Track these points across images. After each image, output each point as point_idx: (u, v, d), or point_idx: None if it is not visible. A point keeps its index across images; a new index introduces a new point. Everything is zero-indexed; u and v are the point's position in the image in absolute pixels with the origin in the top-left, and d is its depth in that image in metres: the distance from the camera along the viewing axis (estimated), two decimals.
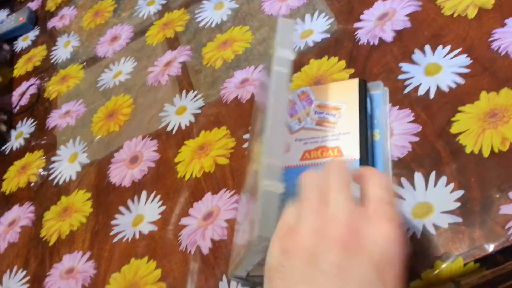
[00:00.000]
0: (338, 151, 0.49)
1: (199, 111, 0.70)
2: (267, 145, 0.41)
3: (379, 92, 0.55)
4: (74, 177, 0.74)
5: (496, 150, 0.46)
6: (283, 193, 0.39)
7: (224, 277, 0.51)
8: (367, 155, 0.48)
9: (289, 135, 0.53)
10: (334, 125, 0.51)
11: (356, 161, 0.48)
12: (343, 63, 0.63)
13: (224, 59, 0.74)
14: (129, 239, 0.61)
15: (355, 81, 0.53)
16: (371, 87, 0.55)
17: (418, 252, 0.44)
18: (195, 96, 0.72)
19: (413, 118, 0.53)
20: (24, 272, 0.67)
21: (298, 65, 0.66)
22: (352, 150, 0.49)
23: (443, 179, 0.47)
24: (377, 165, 0.50)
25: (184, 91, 0.74)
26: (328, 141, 0.50)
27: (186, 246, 0.56)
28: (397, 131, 0.53)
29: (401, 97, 0.55)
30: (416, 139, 0.51)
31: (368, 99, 0.53)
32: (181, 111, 0.71)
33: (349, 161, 0.47)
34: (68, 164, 0.76)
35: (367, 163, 0.48)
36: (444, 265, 0.42)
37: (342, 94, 0.53)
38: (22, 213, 0.74)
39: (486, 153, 0.46)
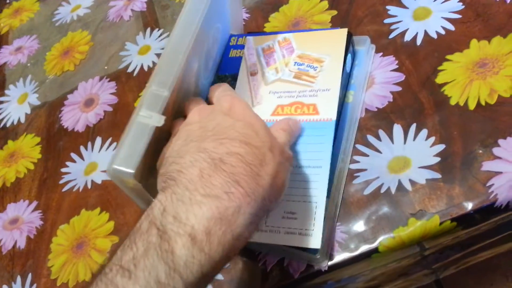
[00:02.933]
0: (314, 109, 0.45)
1: None
2: (157, 71, 0.38)
3: (364, 48, 0.51)
4: (22, 120, 0.70)
5: (483, 103, 0.44)
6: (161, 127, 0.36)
7: None
8: (339, 117, 0.45)
9: (263, 86, 0.49)
10: (314, 80, 0.47)
11: (333, 122, 0.44)
12: (325, 3, 0.60)
13: None
14: (80, 189, 0.58)
15: (344, 32, 0.49)
16: (357, 42, 0.51)
17: (391, 208, 0.42)
18: (160, 35, 0.69)
19: (397, 66, 0.50)
20: None
21: (276, 4, 0.63)
22: (329, 109, 0.45)
23: (424, 132, 0.45)
24: (340, 128, 0.47)
25: (148, 29, 0.70)
26: (305, 97, 0.46)
27: None
28: (378, 79, 0.51)
29: (385, 42, 0.53)
30: (398, 88, 0.49)
31: (349, 56, 0.49)
32: (144, 51, 0.68)
33: (325, 122, 0.44)
34: (16, 105, 0.73)
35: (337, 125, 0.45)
36: (418, 223, 0.41)
37: (328, 45, 0.49)
38: None
39: (472, 106, 0.45)
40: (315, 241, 0.39)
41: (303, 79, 0.48)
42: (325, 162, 0.42)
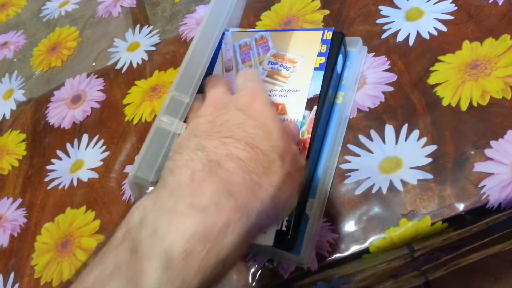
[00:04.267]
0: (283, 109, 0.45)
1: (153, 48, 0.66)
2: (178, 77, 0.37)
3: (355, 50, 0.51)
4: (8, 116, 0.69)
5: (475, 104, 0.45)
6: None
7: None
8: (320, 117, 0.44)
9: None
10: (285, 80, 0.47)
11: (299, 123, 0.44)
12: (317, 3, 0.59)
13: None
14: (66, 187, 0.57)
15: (319, 34, 0.48)
16: (349, 43, 0.50)
17: (382, 209, 0.42)
18: (150, 32, 0.68)
19: (389, 67, 0.50)
20: None
21: (268, 3, 0.63)
22: (297, 110, 0.44)
23: (416, 132, 0.45)
24: (330, 128, 0.47)
25: (138, 25, 0.70)
26: (275, 97, 0.46)
27: (130, 196, 0.53)
28: (370, 79, 0.50)
29: (378, 43, 0.53)
30: (390, 89, 0.49)
31: (341, 56, 0.48)
32: (133, 48, 0.67)
33: (292, 121, 0.44)
34: (2, 101, 0.71)
35: (318, 126, 0.44)
36: (409, 224, 0.41)
37: (303, 46, 0.48)
38: None
39: (464, 107, 0.45)
40: (268, 239, 0.39)
41: (275, 79, 0.47)
42: None
